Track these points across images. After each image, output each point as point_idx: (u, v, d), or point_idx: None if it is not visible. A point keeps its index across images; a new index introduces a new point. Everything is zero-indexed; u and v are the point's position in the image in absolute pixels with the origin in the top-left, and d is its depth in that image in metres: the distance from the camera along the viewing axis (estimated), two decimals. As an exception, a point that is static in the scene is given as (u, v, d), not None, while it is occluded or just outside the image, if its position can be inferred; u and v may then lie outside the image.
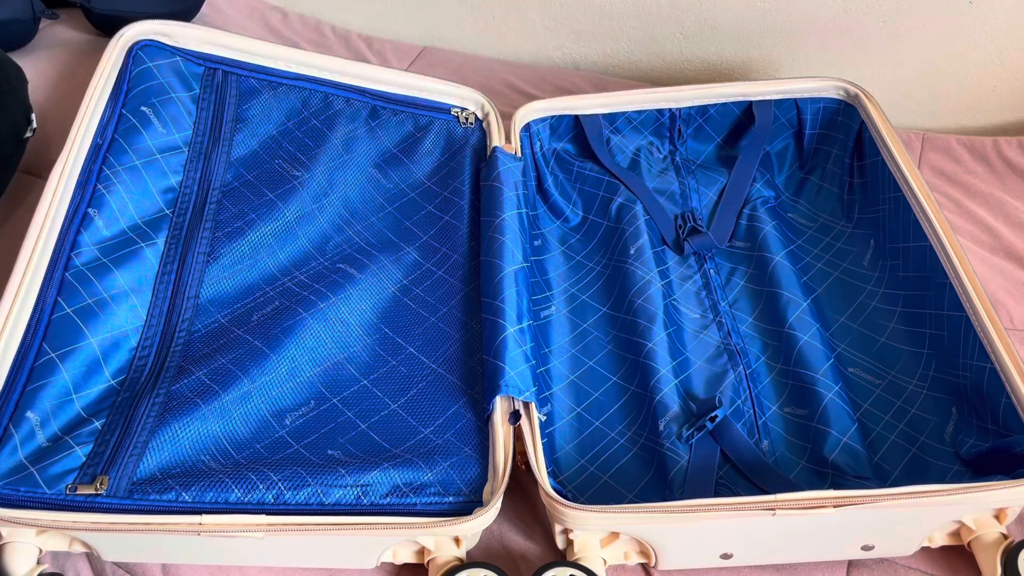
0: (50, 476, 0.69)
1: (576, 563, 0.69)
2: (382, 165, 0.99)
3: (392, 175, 0.99)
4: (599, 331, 0.90)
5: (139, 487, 0.69)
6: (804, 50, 1.16)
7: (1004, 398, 0.75)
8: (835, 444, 0.78)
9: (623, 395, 0.85)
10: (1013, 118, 1.17)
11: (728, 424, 0.80)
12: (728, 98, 1.01)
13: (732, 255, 0.96)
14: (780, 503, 0.67)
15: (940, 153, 1.09)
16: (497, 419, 0.75)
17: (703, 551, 0.71)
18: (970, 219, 1.01)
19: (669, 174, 1.02)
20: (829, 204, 1.01)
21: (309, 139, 0.98)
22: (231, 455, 0.74)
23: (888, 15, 1.11)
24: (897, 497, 0.67)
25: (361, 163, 0.98)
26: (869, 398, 0.84)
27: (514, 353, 0.78)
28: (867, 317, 0.90)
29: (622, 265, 0.92)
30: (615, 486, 0.78)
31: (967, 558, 0.74)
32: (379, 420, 0.78)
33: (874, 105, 0.97)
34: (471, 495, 0.72)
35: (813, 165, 1.03)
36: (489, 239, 0.88)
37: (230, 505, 0.69)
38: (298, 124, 0.99)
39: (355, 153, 0.98)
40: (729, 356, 0.87)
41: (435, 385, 0.81)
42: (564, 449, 0.81)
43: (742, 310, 0.91)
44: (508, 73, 1.25)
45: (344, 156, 0.98)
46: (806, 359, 0.84)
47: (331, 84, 1.01)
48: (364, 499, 0.71)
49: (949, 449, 0.79)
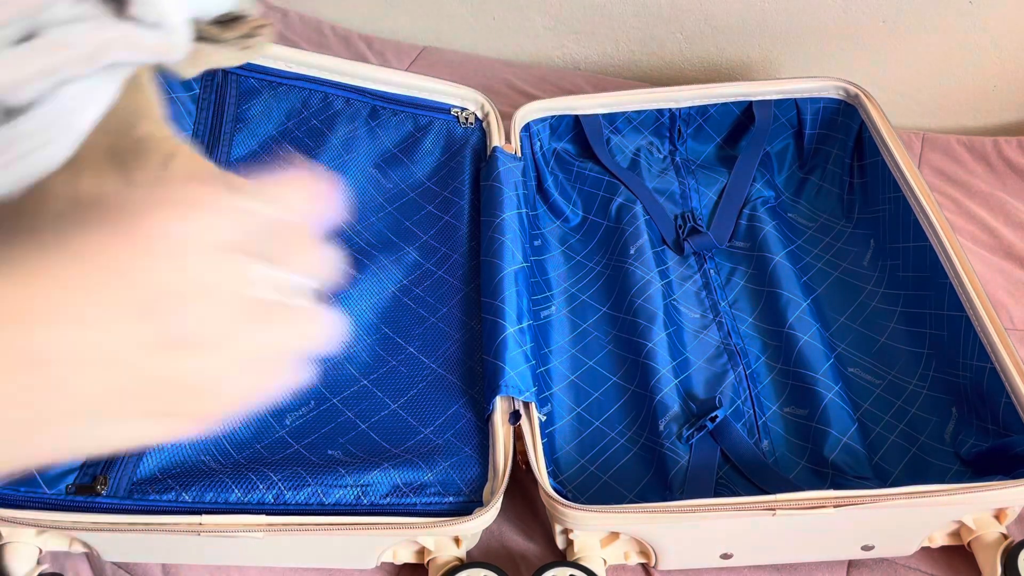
0: (50, 476, 0.69)
1: (576, 563, 0.69)
2: (382, 165, 0.99)
3: (392, 175, 0.99)
4: (599, 331, 0.90)
5: (139, 487, 0.69)
6: (804, 50, 1.16)
7: (1004, 398, 0.74)
8: (835, 444, 0.78)
9: (623, 395, 0.84)
10: (1013, 118, 1.17)
11: (728, 424, 0.80)
12: (728, 98, 1.01)
13: (732, 255, 0.96)
14: (780, 503, 0.67)
15: (940, 153, 1.09)
16: (497, 419, 0.75)
17: (703, 551, 0.71)
18: (970, 219, 1.01)
19: (669, 174, 1.02)
20: (829, 204, 1.01)
21: (309, 139, 0.98)
22: (231, 455, 0.74)
23: (888, 15, 1.11)
24: (897, 497, 0.67)
25: (361, 163, 0.98)
26: (869, 398, 0.84)
27: (514, 353, 0.78)
28: (867, 317, 0.90)
29: (622, 265, 0.92)
30: (615, 486, 0.78)
31: (967, 558, 0.74)
32: (379, 420, 0.78)
33: (874, 105, 0.97)
34: (471, 495, 0.72)
35: (813, 165, 1.03)
36: (489, 239, 0.88)
37: (230, 505, 0.69)
38: (298, 124, 0.98)
39: (355, 153, 0.98)
40: (729, 356, 0.87)
41: (435, 385, 0.81)
42: (564, 449, 0.81)
43: (742, 310, 0.91)
44: (508, 73, 1.25)
45: (344, 156, 0.98)
46: (806, 359, 0.84)
47: (331, 84, 1.01)
48: (364, 499, 0.71)
49: (949, 449, 0.79)
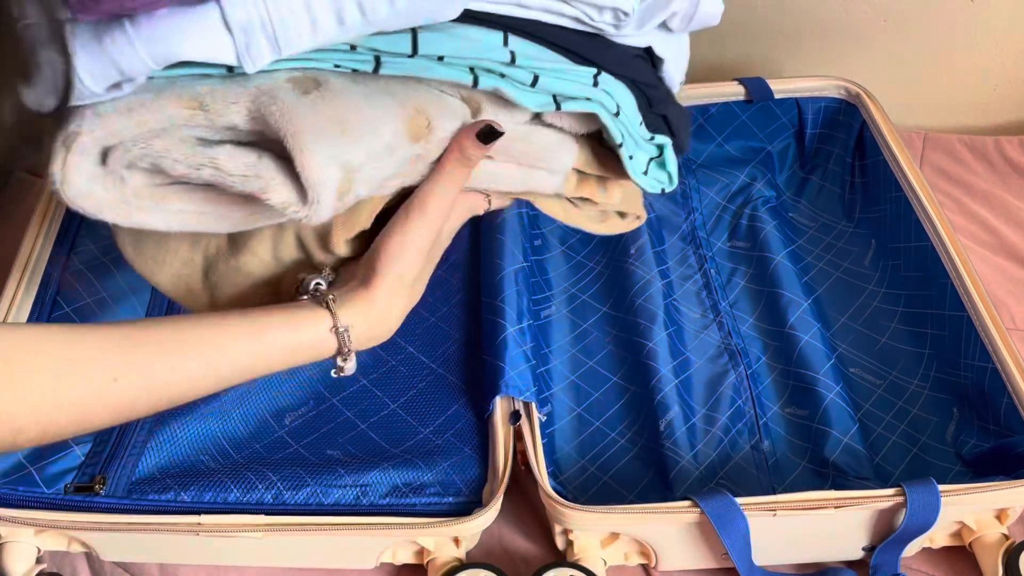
0: (48, 475, 0.69)
1: (576, 564, 0.69)
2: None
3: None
4: (599, 331, 0.89)
5: (138, 486, 0.69)
6: (804, 49, 1.16)
7: (1006, 398, 0.74)
8: (836, 445, 0.78)
9: (623, 395, 0.84)
10: (1015, 117, 1.17)
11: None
12: (728, 98, 1.01)
13: (733, 255, 0.96)
14: (780, 503, 0.67)
15: (941, 152, 1.09)
16: (497, 419, 0.75)
17: (703, 551, 0.71)
18: (972, 219, 1.01)
19: (670, 174, 1.02)
20: (830, 204, 1.01)
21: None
22: (230, 455, 0.74)
23: (889, 14, 1.11)
24: (898, 497, 0.67)
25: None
26: (870, 398, 0.84)
27: (514, 353, 0.78)
28: (868, 317, 0.90)
29: (622, 265, 0.92)
30: (615, 486, 0.78)
31: (968, 559, 0.73)
32: (379, 420, 0.78)
33: (875, 104, 0.97)
34: (471, 495, 0.72)
35: (814, 165, 1.03)
36: (489, 238, 0.88)
37: (229, 505, 0.69)
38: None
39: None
40: (730, 356, 0.86)
41: (435, 385, 0.81)
42: (564, 449, 0.81)
43: (743, 310, 0.91)
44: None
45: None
46: (807, 359, 0.84)
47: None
48: (363, 499, 0.71)
49: (950, 449, 0.79)
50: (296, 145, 0.45)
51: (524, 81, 0.52)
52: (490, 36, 0.51)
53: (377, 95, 0.49)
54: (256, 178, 0.46)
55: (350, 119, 0.47)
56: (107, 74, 0.44)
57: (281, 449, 0.75)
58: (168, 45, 0.44)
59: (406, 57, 0.49)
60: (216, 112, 0.46)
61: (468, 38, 0.50)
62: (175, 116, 0.46)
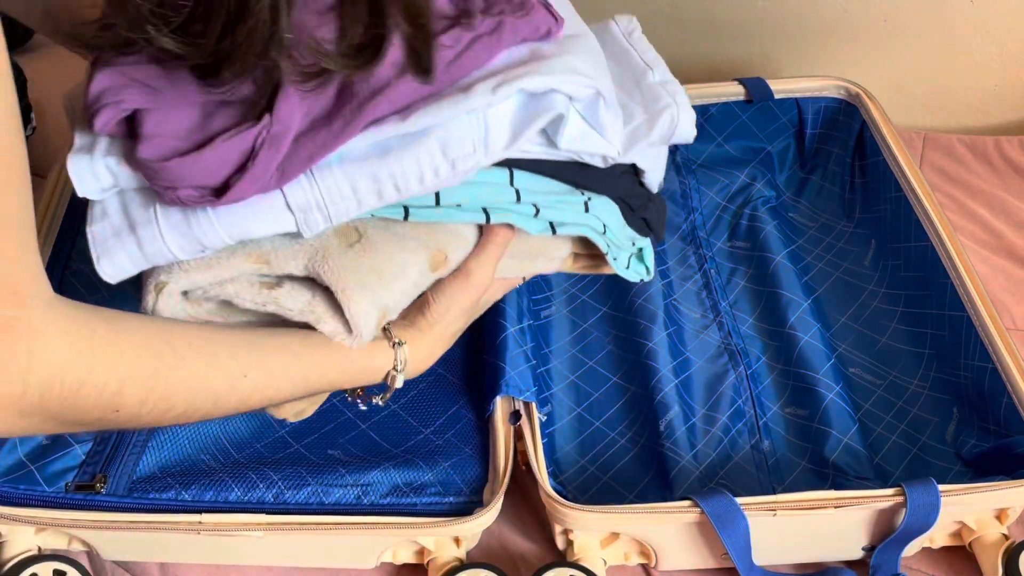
0: (49, 474, 0.69)
1: (576, 564, 0.69)
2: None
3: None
4: (599, 331, 0.89)
5: (138, 485, 0.69)
6: (804, 49, 1.16)
7: (1005, 398, 0.74)
8: (836, 445, 0.78)
9: (623, 395, 0.84)
10: (1015, 117, 1.17)
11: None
12: (728, 98, 1.01)
13: (733, 255, 0.96)
14: (780, 503, 0.67)
15: (941, 152, 1.09)
16: (497, 419, 0.75)
17: (703, 551, 0.71)
18: (971, 219, 1.01)
19: (670, 174, 1.02)
20: (830, 204, 1.01)
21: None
22: (231, 454, 0.74)
23: (889, 14, 1.11)
24: (897, 497, 0.67)
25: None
26: (870, 398, 0.84)
27: (514, 353, 0.78)
28: (868, 317, 0.90)
29: (623, 265, 0.92)
30: (615, 486, 0.78)
31: (968, 559, 0.73)
32: (379, 420, 0.78)
33: (875, 104, 0.97)
34: (471, 495, 0.72)
35: (814, 165, 1.03)
36: (489, 238, 0.88)
37: (230, 504, 0.69)
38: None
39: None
40: (730, 356, 0.87)
41: (435, 385, 0.81)
42: (564, 449, 0.81)
43: (743, 310, 0.91)
44: (509, 72, 1.24)
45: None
46: (807, 359, 0.84)
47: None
48: (364, 499, 0.71)
49: (950, 449, 0.79)
50: (344, 298, 0.56)
51: (528, 213, 0.62)
52: (498, 175, 0.60)
53: (406, 240, 0.60)
54: (311, 312, 0.57)
55: (385, 267, 0.58)
56: (192, 248, 0.55)
57: (282, 448, 0.75)
58: (244, 226, 0.54)
59: (431, 208, 0.59)
60: (278, 265, 0.57)
61: (480, 183, 0.59)
62: (245, 269, 0.57)
